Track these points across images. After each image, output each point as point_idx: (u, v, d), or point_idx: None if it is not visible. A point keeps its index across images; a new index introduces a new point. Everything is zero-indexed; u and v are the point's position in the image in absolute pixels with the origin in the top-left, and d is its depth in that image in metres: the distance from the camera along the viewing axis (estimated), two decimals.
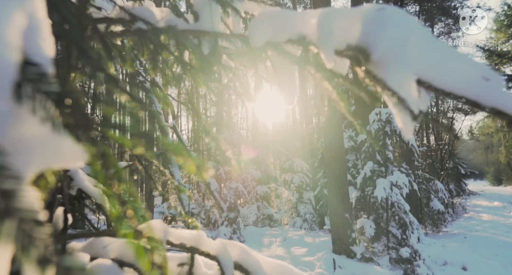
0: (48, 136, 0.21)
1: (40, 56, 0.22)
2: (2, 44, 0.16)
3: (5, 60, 0.16)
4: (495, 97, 0.38)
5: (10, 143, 0.18)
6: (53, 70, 0.23)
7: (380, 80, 0.39)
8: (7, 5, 0.17)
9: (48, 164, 0.22)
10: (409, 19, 0.40)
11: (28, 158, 0.20)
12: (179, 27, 0.51)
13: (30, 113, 0.20)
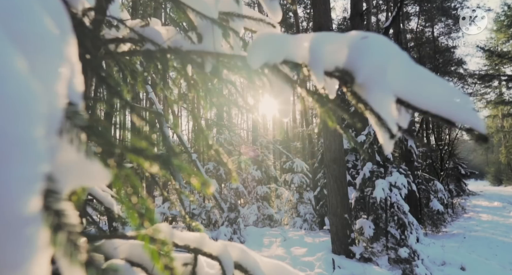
0: (81, 162, 0.26)
1: (74, 95, 0.26)
2: (54, 95, 0.21)
3: (56, 108, 0.21)
4: (465, 116, 0.43)
5: (56, 169, 0.23)
6: (83, 104, 0.28)
7: (363, 101, 0.43)
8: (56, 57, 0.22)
9: (81, 183, 0.27)
10: (389, 46, 0.45)
11: (66, 179, 0.25)
12: (184, 48, 0.56)
13: (68, 143, 0.25)
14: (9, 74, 0.17)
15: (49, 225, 0.19)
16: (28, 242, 0.17)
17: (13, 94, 0.17)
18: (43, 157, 0.18)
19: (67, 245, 0.20)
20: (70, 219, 0.21)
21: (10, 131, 0.17)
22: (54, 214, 0.19)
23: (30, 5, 0.22)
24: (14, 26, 0.19)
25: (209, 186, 0.28)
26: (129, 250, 0.62)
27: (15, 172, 0.16)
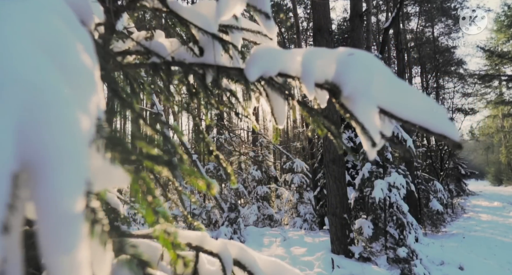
0: (106, 167, 0.31)
1: (99, 111, 0.31)
2: (89, 114, 0.26)
3: (90, 124, 0.26)
4: (441, 126, 0.48)
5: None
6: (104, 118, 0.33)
7: (349, 112, 0.48)
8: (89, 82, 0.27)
9: (105, 185, 0.32)
10: (374, 62, 0.49)
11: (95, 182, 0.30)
12: (187, 61, 0.61)
13: (96, 152, 0.30)
14: (61, 100, 0.22)
15: (89, 220, 0.24)
16: (76, 233, 0.22)
17: (66, 116, 0.22)
18: (88, 165, 0.23)
19: (101, 235, 0.24)
20: (101, 215, 0.26)
21: (65, 145, 0.21)
22: (91, 211, 0.24)
23: (69, 40, 0.27)
24: (60, 60, 0.24)
25: (214, 188, 0.33)
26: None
27: (69, 178, 0.21)
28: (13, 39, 0.22)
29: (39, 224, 0.22)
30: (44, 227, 0.22)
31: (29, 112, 0.20)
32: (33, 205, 0.22)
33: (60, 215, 0.21)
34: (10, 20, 0.23)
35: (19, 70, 0.21)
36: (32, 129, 0.20)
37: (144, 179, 0.32)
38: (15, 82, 0.20)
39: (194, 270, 0.73)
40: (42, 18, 0.25)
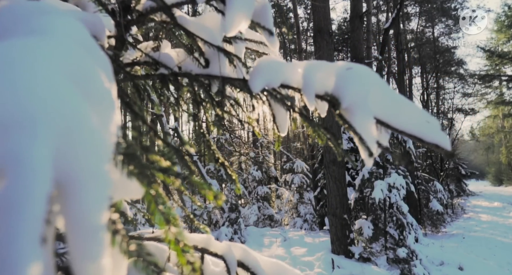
0: (123, 180, 0.33)
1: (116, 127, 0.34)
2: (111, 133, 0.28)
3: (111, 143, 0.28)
4: (434, 136, 0.50)
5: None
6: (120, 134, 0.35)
7: (348, 122, 0.51)
8: (110, 105, 0.30)
9: (122, 197, 0.34)
10: (370, 76, 0.52)
11: (114, 194, 0.32)
12: (193, 72, 0.64)
13: (114, 166, 0.33)
14: (88, 126, 0.25)
15: (110, 230, 0.26)
16: (101, 242, 0.24)
17: (93, 140, 0.25)
18: (111, 182, 0.25)
19: (121, 244, 0.27)
20: (121, 226, 0.29)
21: (93, 166, 0.24)
22: (112, 222, 0.27)
23: (91, 67, 0.29)
24: (86, 87, 0.27)
25: (221, 198, 0.35)
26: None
27: (96, 194, 0.24)
28: (46, 74, 0.24)
29: (69, 235, 0.25)
30: (73, 238, 0.24)
31: (62, 139, 0.23)
32: (63, 219, 0.25)
33: (88, 227, 0.24)
34: (41, 55, 0.25)
35: (53, 101, 0.23)
36: (65, 153, 0.23)
37: (157, 191, 0.35)
38: (51, 113, 0.23)
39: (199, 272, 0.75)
40: (68, 50, 0.27)
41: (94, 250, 0.24)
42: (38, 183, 0.20)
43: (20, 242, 0.18)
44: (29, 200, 0.19)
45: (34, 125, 0.22)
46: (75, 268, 0.25)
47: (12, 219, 0.19)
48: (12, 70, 0.23)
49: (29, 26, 0.29)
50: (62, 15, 0.33)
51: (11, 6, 0.33)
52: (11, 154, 0.21)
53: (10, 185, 0.20)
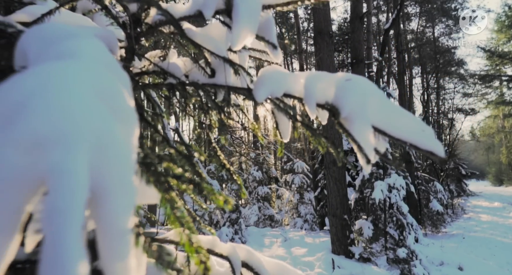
0: (142, 187, 0.37)
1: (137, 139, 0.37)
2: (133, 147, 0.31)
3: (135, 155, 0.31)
4: (428, 143, 0.54)
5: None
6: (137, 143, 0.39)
7: (347, 131, 0.54)
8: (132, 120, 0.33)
9: (141, 201, 0.37)
10: (368, 86, 0.55)
11: None
12: (200, 81, 0.67)
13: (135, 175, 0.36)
14: (116, 139, 0.28)
15: (134, 233, 0.29)
16: (127, 244, 0.27)
17: (121, 152, 0.28)
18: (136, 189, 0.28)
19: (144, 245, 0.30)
20: (143, 229, 0.32)
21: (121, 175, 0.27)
22: (136, 226, 0.30)
23: (115, 84, 0.33)
24: (111, 103, 0.30)
25: (230, 203, 0.38)
26: None
27: (124, 201, 0.27)
28: (80, 95, 0.27)
29: (99, 238, 0.28)
30: (103, 240, 0.28)
31: (95, 153, 0.26)
32: (95, 223, 0.28)
33: (116, 231, 0.27)
34: (75, 78, 0.28)
35: (87, 119, 0.26)
36: (98, 165, 0.26)
37: (172, 197, 0.38)
38: (85, 130, 0.26)
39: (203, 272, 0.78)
40: (96, 72, 0.31)
41: (122, 251, 0.27)
42: (78, 192, 0.23)
43: (68, 244, 0.21)
44: (72, 206, 0.23)
45: (72, 141, 0.25)
46: (105, 267, 0.28)
47: (58, 224, 0.22)
48: (51, 92, 0.27)
49: (59, 50, 0.32)
50: (86, 37, 0.37)
51: (41, 30, 0.37)
52: (53, 167, 0.24)
53: (54, 194, 0.23)
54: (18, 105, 0.26)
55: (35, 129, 0.25)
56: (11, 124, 0.25)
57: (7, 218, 0.24)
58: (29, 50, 0.36)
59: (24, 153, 0.24)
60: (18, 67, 0.38)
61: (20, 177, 0.24)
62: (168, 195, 0.38)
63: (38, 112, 0.25)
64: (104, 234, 0.27)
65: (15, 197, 0.24)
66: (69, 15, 0.70)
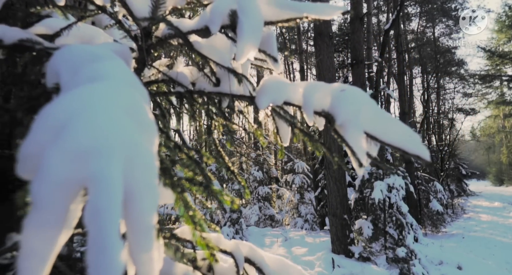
0: (160, 189, 0.42)
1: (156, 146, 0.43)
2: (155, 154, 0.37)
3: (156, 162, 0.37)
4: (416, 148, 0.59)
5: None
6: None
7: (341, 137, 0.59)
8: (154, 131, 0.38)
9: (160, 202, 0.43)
10: (362, 96, 0.60)
11: None
12: (206, 90, 0.72)
13: None
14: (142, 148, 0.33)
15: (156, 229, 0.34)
16: (151, 238, 0.32)
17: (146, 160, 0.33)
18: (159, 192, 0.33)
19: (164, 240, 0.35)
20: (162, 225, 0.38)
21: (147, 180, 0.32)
22: (157, 223, 0.35)
23: (137, 100, 0.38)
24: (136, 118, 0.35)
25: (236, 203, 0.44)
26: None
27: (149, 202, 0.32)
28: (111, 112, 0.33)
29: (129, 233, 0.33)
30: (132, 235, 0.33)
31: (126, 162, 0.31)
32: (125, 220, 0.33)
33: (143, 227, 0.32)
34: (106, 98, 0.34)
35: (118, 134, 0.32)
36: (129, 172, 0.31)
37: (185, 198, 0.43)
38: (118, 143, 0.31)
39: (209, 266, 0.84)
40: (122, 91, 0.36)
41: (147, 244, 0.33)
42: (115, 195, 0.29)
43: (111, 237, 0.26)
44: (111, 206, 0.28)
45: (108, 153, 0.30)
46: (133, 258, 0.33)
47: (102, 220, 0.27)
48: (89, 112, 0.32)
49: (89, 72, 0.38)
50: (109, 58, 0.42)
51: (70, 52, 0.42)
52: (95, 174, 0.29)
53: (96, 196, 0.28)
54: (63, 123, 0.31)
55: (78, 143, 0.30)
56: (59, 139, 0.30)
57: (56, 215, 0.29)
58: (60, 70, 0.42)
59: (70, 162, 0.29)
60: (50, 83, 0.44)
61: (66, 181, 0.29)
62: (181, 196, 0.44)
63: (80, 129, 0.30)
64: (132, 229, 0.33)
65: (62, 197, 0.29)
66: (84, 27, 0.75)
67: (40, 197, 0.29)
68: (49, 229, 0.29)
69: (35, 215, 0.29)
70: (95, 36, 0.81)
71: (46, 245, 0.29)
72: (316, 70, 6.04)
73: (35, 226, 0.29)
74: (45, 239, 0.29)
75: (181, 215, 0.44)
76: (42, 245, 0.29)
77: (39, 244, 0.29)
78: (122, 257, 0.26)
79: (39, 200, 0.29)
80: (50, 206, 0.29)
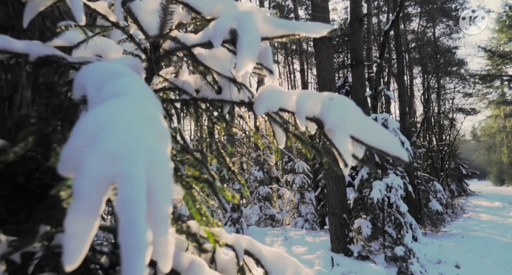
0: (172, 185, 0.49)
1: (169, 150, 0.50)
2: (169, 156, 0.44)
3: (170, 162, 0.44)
4: (396, 151, 0.66)
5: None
6: None
7: (330, 140, 0.67)
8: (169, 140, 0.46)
9: None
10: (348, 104, 0.68)
11: None
12: (209, 97, 0.80)
13: None
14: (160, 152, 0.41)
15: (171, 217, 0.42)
16: (167, 224, 0.40)
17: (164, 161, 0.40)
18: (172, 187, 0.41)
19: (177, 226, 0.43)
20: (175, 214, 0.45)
21: (164, 177, 0.40)
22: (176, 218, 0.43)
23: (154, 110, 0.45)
24: (154, 127, 0.43)
25: (236, 198, 0.51)
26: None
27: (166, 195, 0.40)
28: (135, 122, 0.40)
29: (149, 220, 0.41)
30: (152, 222, 0.40)
31: (148, 162, 0.39)
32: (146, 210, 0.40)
33: (161, 215, 0.40)
34: (130, 110, 0.41)
35: (141, 140, 0.39)
36: (150, 170, 0.39)
37: (192, 193, 0.51)
38: (141, 147, 0.38)
39: (212, 258, 0.91)
40: (143, 104, 0.43)
41: (164, 229, 0.40)
42: (141, 189, 0.36)
43: (139, 222, 0.34)
44: (138, 198, 0.35)
45: (134, 155, 0.38)
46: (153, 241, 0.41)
47: (131, 209, 0.34)
48: (117, 122, 0.40)
49: (112, 88, 0.45)
50: (128, 75, 0.50)
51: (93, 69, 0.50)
52: (124, 172, 0.37)
53: (125, 190, 0.36)
54: (97, 131, 0.38)
55: (109, 148, 0.37)
56: (94, 144, 0.38)
57: (93, 205, 0.37)
58: (87, 85, 0.49)
59: (103, 162, 0.37)
60: (77, 95, 0.51)
61: (100, 178, 0.37)
62: (189, 192, 0.51)
63: (110, 136, 0.38)
64: (152, 217, 0.40)
65: (98, 190, 0.37)
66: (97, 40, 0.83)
67: (80, 190, 0.36)
68: (88, 215, 0.37)
69: (77, 204, 0.36)
70: (107, 48, 0.88)
71: (86, 228, 0.36)
72: (316, 71, 6.11)
73: (77, 213, 0.36)
74: (85, 223, 0.36)
75: (189, 208, 0.51)
76: (82, 228, 0.36)
77: (80, 227, 0.36)
78: (148, 236, 0.34)
79: (80, 193, 0.36)
80: (88, 197, 0.37)
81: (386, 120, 5.51)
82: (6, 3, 0.94)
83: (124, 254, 0.33)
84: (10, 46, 0.64)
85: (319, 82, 5.99)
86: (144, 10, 0.77)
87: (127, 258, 0.33)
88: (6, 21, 0.94)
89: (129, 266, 0.32)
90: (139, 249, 0.33)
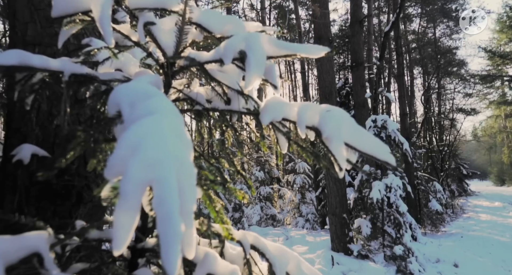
0: None
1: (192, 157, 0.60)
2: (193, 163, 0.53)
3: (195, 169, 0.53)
4: (385, 156, 0.75)
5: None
6: None
7: (327, 147, 0.76)
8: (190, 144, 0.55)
9: None
10: (343, 116, 0.77)
11: None
12: (220, 108, 0.89)
13: None
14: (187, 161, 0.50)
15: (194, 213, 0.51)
16: (192, 218, 0.49)
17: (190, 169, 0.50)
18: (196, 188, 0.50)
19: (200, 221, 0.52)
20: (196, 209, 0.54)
21: (191, 181, 0.49)
22: None
23: (179, 123, 0.55)
24: (181, 138, 0.52)
25: (246, 198, 0.61)
26: None
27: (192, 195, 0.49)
28: (167, 136, 0.50)
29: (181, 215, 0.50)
30: (182, 217, 0.50)
31: (178, 169, 0.48)
32: None
33: (187, 211, 0.49)
34: (163, 126, 0.51)
35: (173, 150, 0.48)
36: (179, 175, 0.48)
37: (209, 194, 0.60)
38: (173, 157, 0.48)
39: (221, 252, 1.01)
40: (172, 120, 0.53)
41: (190, 222, 0.49)
42: (173, 190, 0.46)
43: (175, 216, 0.43)
44: (173, 197, 0.45)
45: (167, 163, 0.47)
46: None
47: (167, 206, 0.44)
48: (153, 135, 0.49)
49: (145, 107, 0.55)
50: (156, 95, 0.59)
51: (125, 89, 0.59)
52: (157, 177, 0.46)
53: (161, 191, 0.45)
54: (137, 144, 0.48)
55: (148, 157, 0.47)
56: (135, 154, 0.47)
57: (135, 203, 0.46)
58: (121, 104, 0.59)
59: (143, 169, 0.46)
60: (113, 111, 0.61)
61: (141, 181, 0.46)
62: (206, 192, 0.61)
63: (148, 148, 0.47)
64: (182, 213, 0.50)
65: (138, 191, 0.46)
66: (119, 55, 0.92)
67: (126, 191, 0.46)
68: (131, 211, 0.46)
69: (123, 202, 0.46)
70: (126, 62, 0.98)
71: (130, 221, 0.46)
72: (317, 73, 6.20)
73: (123, 209, 0.45)
74: (129, 217, 0.46)
75: (206, 206, 0.61)
76: (127, 221, 0.46)
77: (126, 220, 0.45)
78: (182, 228, 0.43)
79: (125, 193, 0.46)
80: (132, 197, 0.46)
81: (385, 121, 5.59)
82: (35, 21, 1.03)
83: (162, 242, 0.43)
84: (48, 65, 0.73)
85: (320, 84, 6.08)
86: (162, 30, 0.86)
87: (166, 245, 0.42)
88: (35, 38, 1.04)
89: (168, 251, 0.42)
90: (176, 238, 0.42)
